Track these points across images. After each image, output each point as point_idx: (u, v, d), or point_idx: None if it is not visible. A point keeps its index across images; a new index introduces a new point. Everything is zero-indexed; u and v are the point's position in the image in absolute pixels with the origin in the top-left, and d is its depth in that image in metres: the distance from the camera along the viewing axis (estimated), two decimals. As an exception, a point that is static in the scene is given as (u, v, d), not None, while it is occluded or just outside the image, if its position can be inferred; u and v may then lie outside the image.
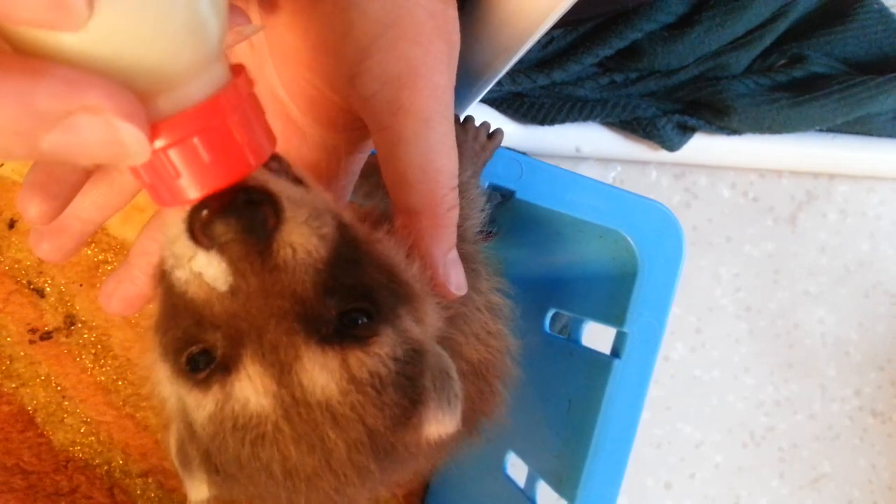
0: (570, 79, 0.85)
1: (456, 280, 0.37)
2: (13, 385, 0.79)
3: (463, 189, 0.50)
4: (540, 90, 0.86)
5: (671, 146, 0.89)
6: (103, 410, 0.81)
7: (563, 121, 0.86)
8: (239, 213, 0.26)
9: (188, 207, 0.26)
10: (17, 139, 0.20)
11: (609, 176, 0.96)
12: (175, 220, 0.27)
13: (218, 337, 0.28)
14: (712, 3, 0.85)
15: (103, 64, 0.21)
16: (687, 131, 0.90)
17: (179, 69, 0.23)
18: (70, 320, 0.80)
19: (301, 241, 0.28)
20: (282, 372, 0.28)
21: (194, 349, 0.28)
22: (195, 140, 0.24)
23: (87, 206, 0.38)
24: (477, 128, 0.55)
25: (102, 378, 0.81)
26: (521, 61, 0.60)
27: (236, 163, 0.25)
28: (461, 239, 0.48)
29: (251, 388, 0.28)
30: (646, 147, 0.91)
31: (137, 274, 0.40)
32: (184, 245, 0.27)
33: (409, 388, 0.31)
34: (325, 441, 0.29)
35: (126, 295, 0.40)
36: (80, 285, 0.81)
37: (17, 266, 0.80)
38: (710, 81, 0.88)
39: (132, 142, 0.21)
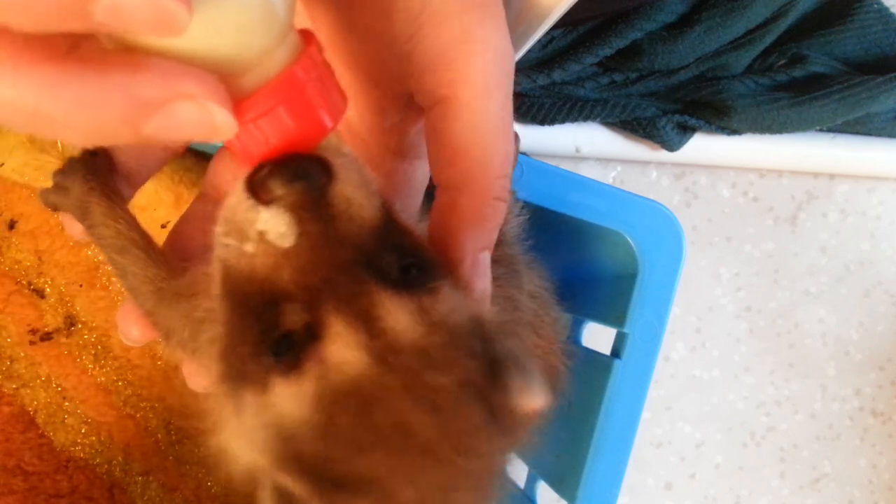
0: (570, 78, 0.85)
1: (481, 286, 0.33)
2: (14, 386, 0.79)
3: None
4: (540, 90, 0.86)
5: (671, 146, 0.89)
6: (104, 411, 0.81)
7: (563, 121, 0.85)
8: (294, 167, 0.27)
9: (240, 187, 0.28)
10: (123, 126, 0.22)
11: (609, 176, 0.96)
12: (235, 192, 0.29)
13: (296, 308, 0.28)
14: (712, 3, 0.84)
15: (192, 55, 0.24)
16: (687, 131, 0.90)
17: (256, 53, 0.26)
18: (70, 321, 0.80)
19: (355, 195, 0.29)
20: (367, 321, 0.27)
21: (276, 334, 0.28)
22: (280, 109, 0.27)
23: None
24: None
25: (103, 379, 0.81)
26: (521, 61, 0.60)
27: (316, 125, 0.28)
28: (501, 242, 0.46)
29: (344, 345, 0.27)
30: (646, 147, 0.91)
31: None
32: (245, 210, 0.28)
33: (484, 351, 0.29)
34: (430, 389, 0.27)
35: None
36: (81, 286, 0.81)
37: (17, 266, 0.80)
38: (711, 81, 0.88)
39: (222, 121, 0.24)
